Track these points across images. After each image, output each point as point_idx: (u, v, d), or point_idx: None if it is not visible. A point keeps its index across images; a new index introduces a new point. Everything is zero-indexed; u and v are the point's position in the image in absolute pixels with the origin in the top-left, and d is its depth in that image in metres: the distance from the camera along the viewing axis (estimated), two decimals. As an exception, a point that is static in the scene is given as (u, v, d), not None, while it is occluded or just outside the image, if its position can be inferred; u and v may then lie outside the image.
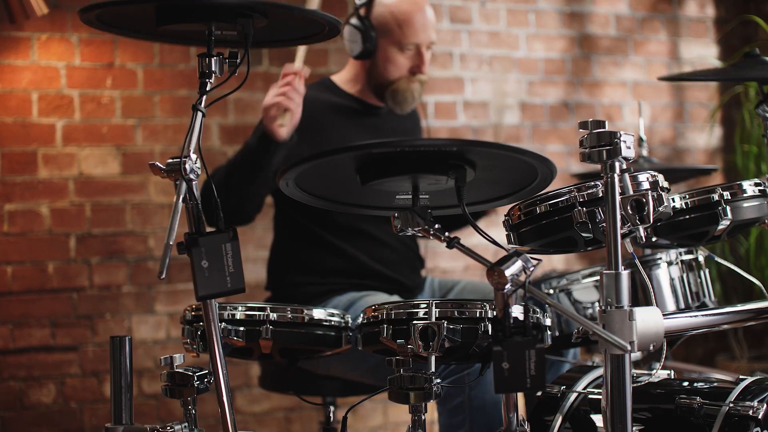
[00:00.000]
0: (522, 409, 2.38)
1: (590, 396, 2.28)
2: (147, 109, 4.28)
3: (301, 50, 3.05)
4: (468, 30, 4.96)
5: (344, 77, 3.36)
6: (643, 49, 5.41)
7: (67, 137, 4.16)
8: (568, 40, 5.21)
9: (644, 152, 3.40)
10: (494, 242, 1.96)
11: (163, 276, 1.83)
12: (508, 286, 1.73)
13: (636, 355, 2.84)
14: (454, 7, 4.93)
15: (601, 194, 1.97)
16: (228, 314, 2.31)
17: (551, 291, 2.73)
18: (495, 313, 1.75)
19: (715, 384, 2.24)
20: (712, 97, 5.54)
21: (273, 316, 2.32)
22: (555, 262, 4.85)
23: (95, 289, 4.18)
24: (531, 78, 5.09)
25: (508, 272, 1.74)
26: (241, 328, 2.31)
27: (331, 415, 3.07)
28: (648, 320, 1.79)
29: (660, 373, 2.36)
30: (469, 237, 2.39)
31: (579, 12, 5.24)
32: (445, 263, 4.81)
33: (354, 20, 3.20)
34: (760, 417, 1.99)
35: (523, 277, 1.75)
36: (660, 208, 1.95)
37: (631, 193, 1.84)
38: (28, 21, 3.98)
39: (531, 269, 1.77)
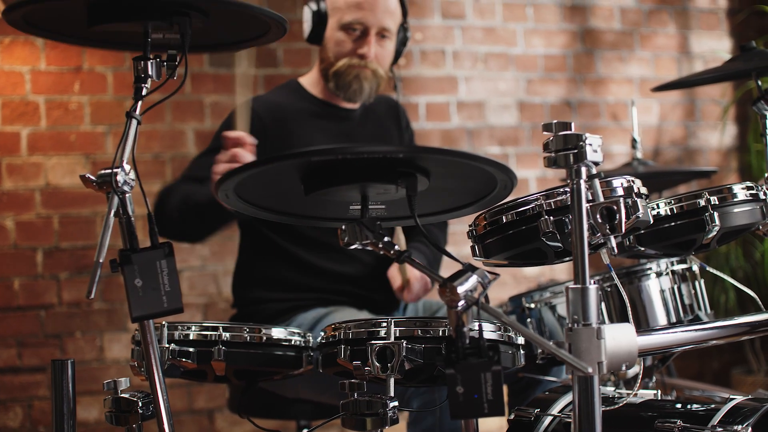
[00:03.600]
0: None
1: (566, 419, 2.18)
2: (118, 115, 4.18)
3: (241, 114, 2.79)
4: (461, 26, 4.82)
5: (311, 78, 3.17)
6: (651, 43, 5.24)
7: (32, 146, 4.09)
8: (570, 34, 5.05)
9: (638, 154, 3.25)
10: (449, 255, 1.87)
11: (92, 296, 1.79)
12: (461, 303, 1.60)
13: (634, 369, 2.69)
14: (446, 2, 4.80)
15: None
16: (180, 334, 2.19)
17: (533, 305, 2.59)
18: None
19: (704, 405, 2.13)
20: (724, 93, 5.31)
21: (226, 336, 2.20)
22: (557, 272, 4.65)
23: (64, 306, 4.10)
24: (530, 76, 4.93)
25: (461, 289, 1.62)
26: (191, 349, 2.18)
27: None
28: (619, 338, 1.67)
29: (645, 393, 2.27)
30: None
31: (581, 5, 5.10)
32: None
33: (312, 2, 3.06)
34: (745, 442, 1.83)
35: (477, 294, 1.63)
36: (638, 215, 1.83)
37: (602, 200, 1.71)
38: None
39: (487, 285, 1.66)
